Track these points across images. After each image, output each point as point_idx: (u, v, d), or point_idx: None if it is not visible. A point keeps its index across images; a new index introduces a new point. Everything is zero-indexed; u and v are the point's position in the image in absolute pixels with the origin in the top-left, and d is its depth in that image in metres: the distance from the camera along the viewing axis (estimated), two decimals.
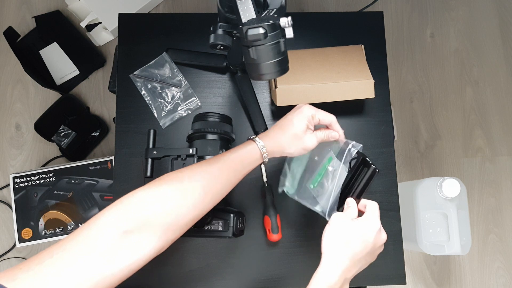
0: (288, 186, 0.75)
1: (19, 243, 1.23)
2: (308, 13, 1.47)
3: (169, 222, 0.51)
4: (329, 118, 0.66)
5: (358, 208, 0.64)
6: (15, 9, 1.56)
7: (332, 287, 0.55)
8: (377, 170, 0.66)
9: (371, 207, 0.62)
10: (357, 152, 0.66)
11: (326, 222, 0.81)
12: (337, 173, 0.66)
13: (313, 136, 0.64)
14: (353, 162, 0.67)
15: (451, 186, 0.99)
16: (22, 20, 1.56)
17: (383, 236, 0.61)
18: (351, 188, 0.67)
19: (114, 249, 0.47)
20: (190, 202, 0.54)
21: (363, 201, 0.64)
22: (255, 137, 0.63)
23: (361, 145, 0.66)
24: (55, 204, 1.25)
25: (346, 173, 0.66)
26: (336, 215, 0.61)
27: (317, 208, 0.68)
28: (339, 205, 0.66)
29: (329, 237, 0.59)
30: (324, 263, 0.57)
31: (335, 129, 0.66)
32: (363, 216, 0.61)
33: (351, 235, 0.58)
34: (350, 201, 0.64)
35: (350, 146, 0.65)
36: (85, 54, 1.52)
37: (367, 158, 0.67)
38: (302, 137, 0.63)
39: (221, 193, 0.58)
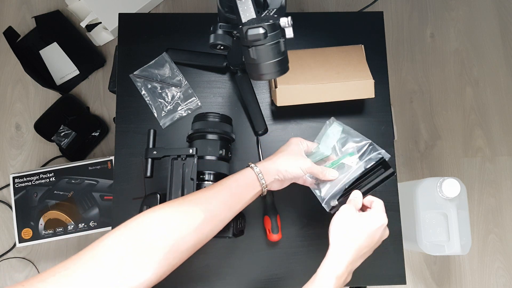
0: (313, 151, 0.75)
1: (19, 243, 1.23)
2: (308, 13, 1.47)
3: (170, 245, 0.50)
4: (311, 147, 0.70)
5: (362, 203, 0.64)
6: (15, 9, 1.56)
7: (339, 277, 0.57)
8: (395, 173, 0.67)
9: (378, 203, 0.62)
10: (380, 159, 0.67)
11: (327, 221, 0.81)
12: (352, 168, 0.67)
13: (308, 160, 0.66)
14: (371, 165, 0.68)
15: (451, 186, 0.99)
16: (22, 20, 1.56)
17: (387, 232, 0.62)
18: (362, 182, 0.67)
19: (116, 272, 0.46)
20: (191, 225, 0.53)
21: (369, 197, 0.64)
22: (252, 164, 0.65)
23: (389, 155, 0.68)
24: (55, 204, 1.25)
25: (362, 171, 0.67)
26: (345, 207, 0.61)
27: (317, 192, 0.68)
28: (341, 197, 0.66)
29: (337, 229, 0.60)
30: (332, 254, 0.58)
31: (321, 176, 0.68)
32: (371, 211, 0.61)
33: (359, 229, 0.59)
34: (357, 193, 0.64)
35: (378, 152, 0.67)
36: (85, 54, 1.52)
37: (388, 163, 0.68)
38: (298, 156, 0.66)
39: (223, 219, 0.59)
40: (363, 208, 0.65)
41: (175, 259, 0.51)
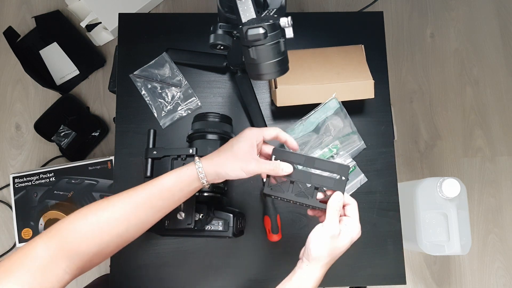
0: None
1: (19, 243, 1.23)
2: (308, 13, 1.47)
3: (94, 251, 0.53)
4: (274, 131, 0.62)
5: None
6: (15, 9, 1.56)
7: (317, 280, 0.58)
8: (347, 180, 0.62)
9: (353, 210, 0.60)
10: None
11: None
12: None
13: (255, 160, 0.59)
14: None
15: (451, 186, 0.99)
16: (22, 20, 1.56)
17: (360, 232, 0.60)
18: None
19: (40, 275, 0.49)
20: (114, 231, 0.54)
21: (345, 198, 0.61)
22: (197, 159, 0.60)
23: (365, 146, 0.66)
24: (55, 204, 1.25)
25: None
26: (319, 229, 0.58)
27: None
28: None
29: (318, 246, 0.57)
30: (310, 265, 0.58)
31: (283, 138, 0.63)
32: (348, 223, 0.59)
33: (338, 246, 0.58)
34: (338, 198, 0.59)
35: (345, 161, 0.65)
36: (85, 54, 1.52)
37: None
38: (242, 157, 0.59)
39: (147, 221, 0.58)
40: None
41: (98, 259, 0.54)
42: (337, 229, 0.57)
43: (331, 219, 0.58)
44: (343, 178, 0.61)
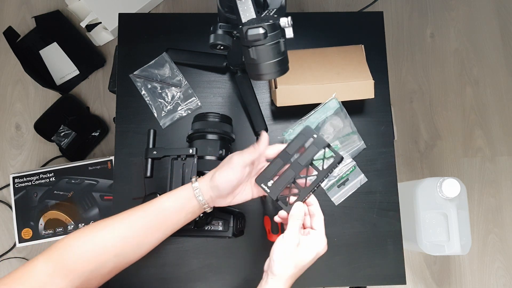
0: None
1: (19, 243, 1.23)
2: (308, 13, 1.47)
3: (91, 269, 0.53)
4: (259, 150, 0.59)
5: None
6: (15, 9, 1.56)
7: None
8: (342, 159, 0.60)
9: (319, 223, 0.59)
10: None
11: (327, 222, 0.81)
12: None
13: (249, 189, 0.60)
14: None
15: (451, 186, 0.99)
16: (22, 20, 1.56)
17: (326, 246, 0.59)
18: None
19: None
20: (111, 251, 0.54)
21: (312, 208, 0.59)
22: (194, 178, 0.60)
23: (365, 146, 0.64)
24: (55, 204, 1.25)
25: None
26: (288, 236, 0.57)
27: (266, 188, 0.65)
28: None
29: (281, 259, 0.56)
30: (274, 279, 0.56)
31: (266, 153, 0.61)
32: (314, 236, 0.58)
33: (304, 258, 0.57)
34: (299, 208, 0.58)
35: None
36: (85, 54, 1.52)
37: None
38: (233, 164, 0.58)
39: (146, 242, 0.57)
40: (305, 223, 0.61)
41: (96, 280, 0.54)
42: (296, 239, 0.56)
43: (291, 228, 0.57)
44: (315, 136, 0.59)
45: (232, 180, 0.58)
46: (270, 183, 0.58)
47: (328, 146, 0.59)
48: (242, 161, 0.58)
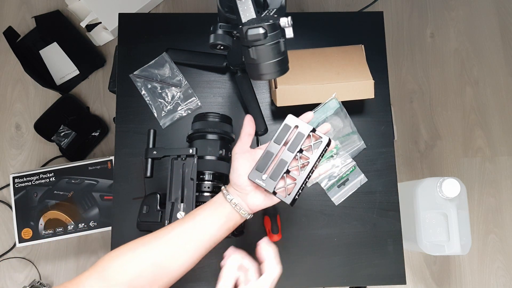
0: None
1: (19, 243, 1.23)
2: (308, 13, 1.47)
3: (128, 280, 0.52)
4: (245, 131, 0.61)
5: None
6: (15, 9, 1.56)
7: None
8: (330, 140, 0.60)
9: (270, 256, 0.58)
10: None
11: (327, 222, 0.82)
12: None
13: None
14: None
15: (451, 186, 0.99)
16: (22, 20, 1.56)
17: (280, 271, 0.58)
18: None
19: None
20: (147, 260, 0.54)
21: (260, 248, 0.58)
22: (225, 190, 0.59)
23: (365, 146, 0.64)
24: (55, 204, 1.25)
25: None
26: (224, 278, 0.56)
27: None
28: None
29: None
30: None
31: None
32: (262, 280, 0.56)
33: None
34: (233, 261, 0.57)
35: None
36: (85, 54, 1.52)
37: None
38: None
39: (183, 254, 0.56)
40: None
41: None
42: None
43: (223, 280, 0.56)
44: (299, 122, 0.59)
45: (244, 166, 0.58)
46: (264, 177, 0.57)
47: (313, 130, 0.59)
48: (240, 148, 0.59)
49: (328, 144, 0.59)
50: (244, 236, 0.78)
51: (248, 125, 0.61)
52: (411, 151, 1.53)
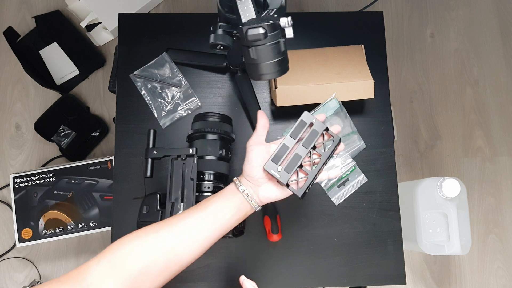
0: None
1: (19, 243, 1.23)
2: (308, 13, 1.47)
3: (140, 267, 0.52)
4: (261, 124, 0.63)
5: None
6: (15, 9, 1.56)
7: None
8: (340, 139, 0.62)
9: None
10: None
11: (327, 222, 0.82)
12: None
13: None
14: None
15: (451, 186, 0.99)
16: (22, 20, 1.56)
17: None
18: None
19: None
20: (160, 247, 0.54)
21: (244, 285, 0.60)
22: (236, 180, 0.60)
23: (365, 146, 0.65)
24: (55, 204, 1.25)
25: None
26: None
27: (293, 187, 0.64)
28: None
29: None
30: None
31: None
32: None
33: None
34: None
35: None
36: (85, 54, 1.52)
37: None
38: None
39: (200, 241, 0.57)
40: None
41: (147, 281, 0.53)
42: None
43: None
44: (314, 120, 0.61)
45: (258, 158, 0.59)
46: (279, 169, 0.59)
47: (327, 129, 0.62)
48: (255, 140, 0.61)
49: (339, 144, 0.62)
50: (244, 236, 0.78)
51: (262, 117, 0.63)
52: (411, 151, 1.53)
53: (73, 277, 0.50)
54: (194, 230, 0.56)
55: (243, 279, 0.61)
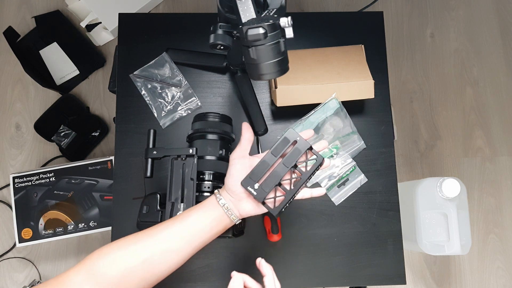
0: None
1: (19, 243, 1.23)
2: (308, 13, 1.47)
3: (119, 275, 0.52)
4: (245, 137, 0.61)
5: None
6: (15, 9, 1.56)
7: None
8: (323, 159, 0.60)
9: (269, 280, 0.59)
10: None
11: (327, 222, 0.82)
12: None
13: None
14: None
15: (451, 186, 0.99)
16: (22, 20, 1.56)
17: None
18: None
19: None
20: (139, 257, 0.54)
21: (261, 264, 0.60)
22: (217, 192, 0.60)
23: (365, 146, 0.65)
24: (55, 204, 1.25)
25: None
26: None
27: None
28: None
29: None
30: None
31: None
32: None
33: None
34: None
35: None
36: (85, 54, 1.52)
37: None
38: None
39: (180, 252, 0.56)
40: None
41: None
42: None
43: None
44: (298, 138, 0.59)
45: (240, 173, 0.59)
46: (256, 186, 0.58)
47: (310, 148, 0.60)
48: (238, 153, 0.60)
49: (321, 164, 0.61)
50: (244, 236, 0.78)
51: (247, 131, 0.62)
52: (411, 151, 1.53)
53: (53, 285, 0.50)
54: (170, 241, 0.56)
55: (259, 260, 0.61)
